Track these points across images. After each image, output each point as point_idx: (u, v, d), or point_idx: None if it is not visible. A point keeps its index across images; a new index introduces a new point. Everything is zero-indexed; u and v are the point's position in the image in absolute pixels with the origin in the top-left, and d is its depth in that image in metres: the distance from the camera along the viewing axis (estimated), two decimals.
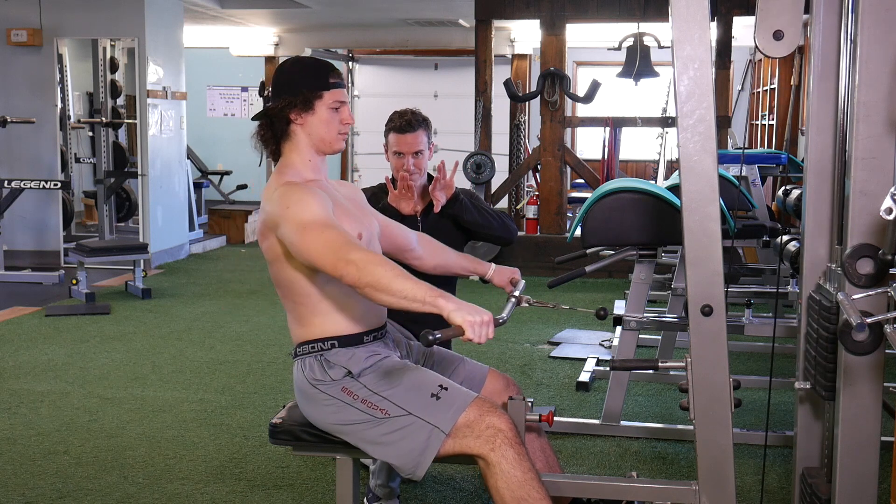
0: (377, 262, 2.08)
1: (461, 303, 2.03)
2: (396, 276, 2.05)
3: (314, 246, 2.17)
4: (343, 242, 2.14)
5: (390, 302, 2.06)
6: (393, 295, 2.04)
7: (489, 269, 2.75)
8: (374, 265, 2.07)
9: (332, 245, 2.14)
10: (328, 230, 2.18)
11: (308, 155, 2.41)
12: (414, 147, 3.10)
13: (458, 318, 1.99)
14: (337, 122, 2.40)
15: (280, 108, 2.37)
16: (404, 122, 3.11)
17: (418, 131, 3.11)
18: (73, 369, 4.74)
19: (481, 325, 1.99)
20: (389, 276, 2.05)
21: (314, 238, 2.17)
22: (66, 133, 8.80)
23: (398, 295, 2.04)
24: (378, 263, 2.08)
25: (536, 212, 8.10)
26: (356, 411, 2.27)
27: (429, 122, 3.18)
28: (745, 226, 5.06)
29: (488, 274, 2.74)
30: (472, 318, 1.98)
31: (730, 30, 7.58)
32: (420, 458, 2.21)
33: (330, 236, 2.16)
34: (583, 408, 4.15)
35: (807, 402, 2.53)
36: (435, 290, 2.05)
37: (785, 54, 2.19)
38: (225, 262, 8.52)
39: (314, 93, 2.36)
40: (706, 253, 2.20)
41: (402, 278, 2.05)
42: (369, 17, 10.30)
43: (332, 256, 2.12)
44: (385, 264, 2.08)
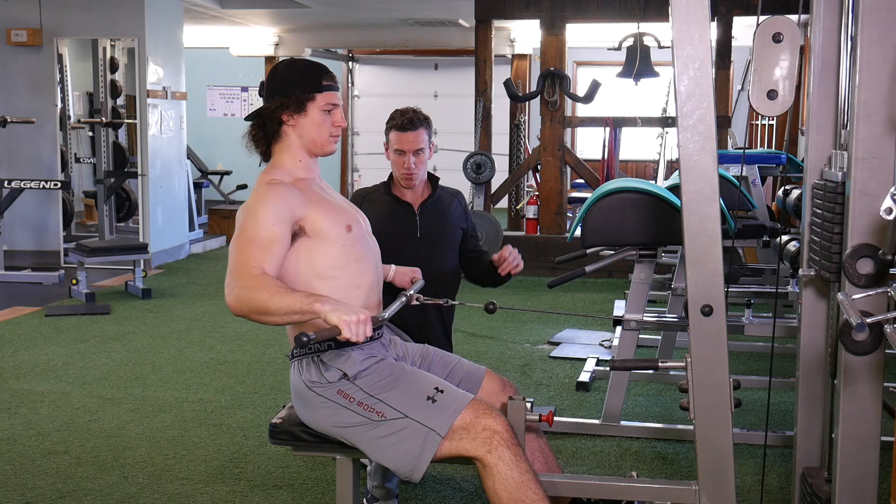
0: (257, 286, 2.13)
1: (338, 303, 2.08)
2: (273, 295, 2.10)
3: (232, 254, 2.25)
4: (243, 270, 2.18)
5: (277, 321, 2.13)
6: (275, 314, 2.11)
7: (390, 270, 2.76)
8: (253, 290, 2.12)
9: (236, 265, 2.20)
10: (248, 249, 2.22)
11: (299, 156, 2.43)
12: (415, 145, 3.11)
13: (334, 318, 2.04)
14: (329, 124, 2.41)
15: (272, 109, 2.39)
16: (406, 120, 3.12)
17: (420, 129, 3.12)
18: (73, 369, 4.74)
19: (357, 323, 2.04)
20: (266, 297, 2.10)
21: (235, 248, 2.25)
22: (66, 133, 8.80)
23: (279, 312, 2.10)
24: (256, 287, 2.12)
25: (536, 212, 8.10)
26: (352, 414, 2.27)
27: (430, 122, 3.19)
28: (745, 226, 5.06)
29: (389, 275, 2.75)
30: (348, 318, 2.03)
31: (730, 30, 7.57)
32: (417, 461, 2.21)
33: (242, 257, 2.21)
34: (583, 408, 4.15)
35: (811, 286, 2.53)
36: (311, 296, 2.10)
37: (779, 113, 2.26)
38: (225, 262, 8.41)
39: (306, 95, 2.38)
40: (706, 253, 2.20)
41: (279, 295, 2.10)
42: (369, 17, 10.30)
43: (229, 276, 2.20)
44: (263, 287, 2.12)
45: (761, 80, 2.23)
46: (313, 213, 2.33)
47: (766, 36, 2.22)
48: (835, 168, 2.37)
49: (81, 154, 9.40)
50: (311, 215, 2.33)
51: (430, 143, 3.18)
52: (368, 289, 2.41)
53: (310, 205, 2.34)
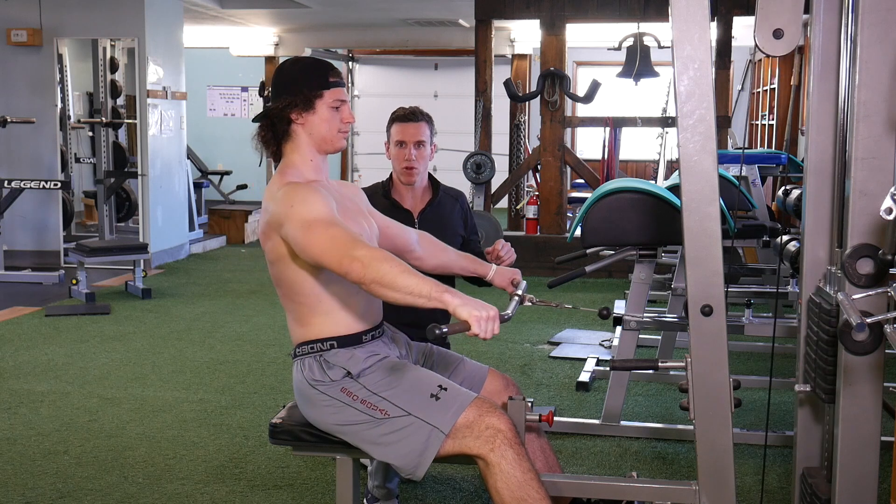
0: (382, 258, 2.09)
1: (467, 298, 2.04)
2: (401, 272, 2.05)
3: (319, 243, 2.17)
4: (348, 239, 2.14)
5: (396, 298, 2.06)
6: (398, 291, 2.04)
7: (490, 269, 2.75)
8: (379, 261, 2.07)
9: (336, 242, 2.14)
10: (333, 227, 2.18)
11: (309, 155, 2.41)
12: (416, 136, 3.08)
13: (465, 312, 2.00)
14: (338, 120, 2.40)
15: (281, 108, 2.37)
16: (409, 112, 3.12)
17: (421, 122, 3.11)
18: (73, 369, 4.74)
19: (487, 320, 1.99)
20: (395, 273, 2.05)
21: (319, 235, 2.18)
22: (66, 133, 8.80)
23: (404, 291, 2.04)
24: (383, 260, 2.08)
25: (536, 212, 8.10)
26: (356, 412, 2.27)
27: (432, 120, 3.18)
28: (745, 226, 5.06)
29: (489, 275, 2.74)
30: (479, 314, 1.99)
31: (730, 30, 7.58)
32: (420, 459, 2.21)
33: (335, 233, 2.17)
34: (583, 408, 4.15)
35: (807, 404, 2.52)
36: (440, 285, 2.05)
37: (785, 52, 2.20)
38: (225, 262, 8.52)
39: (314, 92, 2.37)
40: (706, 253, 2.20)
41: (407, 274, 2.06)
42: (369, 17, 10.30)
43: (337, 253, 2.12)
44: (390, 260, 2.08)
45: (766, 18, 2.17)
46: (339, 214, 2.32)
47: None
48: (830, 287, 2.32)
49: (81, 154, 9.40)
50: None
51: (431, 142, 3.16)
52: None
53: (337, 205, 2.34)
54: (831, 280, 2.32)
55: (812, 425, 2.56)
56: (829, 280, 2.35)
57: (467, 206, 3.33)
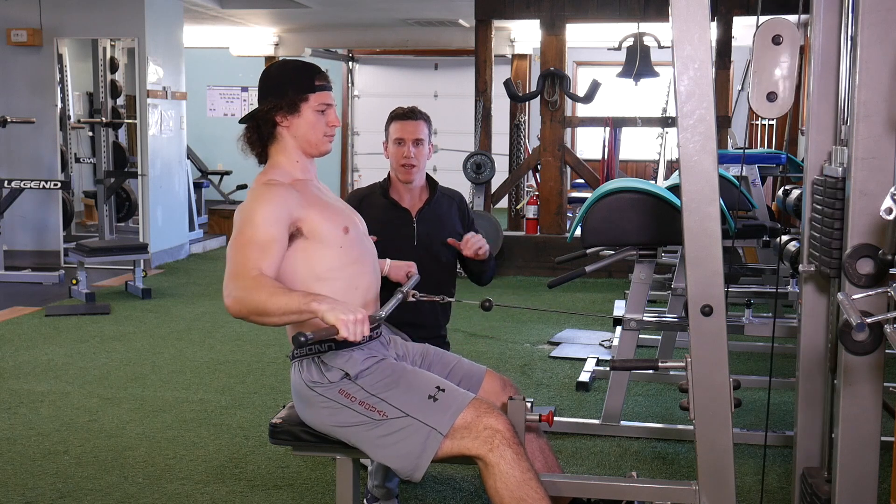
0: (255, 287, 2.12)
1: (335, 302, 2.07)
2: (271, 296, 2.10)
3: (230, 256, 2.24)
4: (241, 272, 2.17)
5: (275, 322, 2.12)
6: (273, 315, 2.10)
7: (385, 264, 2.75)
8: (251, 291, 2.12)
9: (234, 267, 2.20)
10: (246, 250, 2.21)
11: (295, 156, 2.43)
12: (415, 134, 3.09)
13: (332, 317, 2.03)
14: (323, 124, 2.41)
15: (266, 110, 2.39)
16: (407, 110, 3.14)
17: (420, 121, 3.13)
18: (73, 369, 4.74)
19: (355, 322, 2.03)
20: (264, 298, 2.10)
21: (233, 250, 2.24)
22: (66, 133, 8.80)
23: (277, 313, 2.09)
24: (254, 289, 2.12)
25: (536, 212, 8.10)
26: (354, 413, 2.27)
27: (430, 120, 3.18)
28: (745, 226, 5.06)
29: (385, 270, 2.74)
30: (346, 317, 2.03)
31: (730, 30, 7.58)
32: (418, 460, 2.21)
33: (240, 258, 2.21)
34: (583, 408, 4.15)
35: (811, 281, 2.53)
36: (308, 295, 2.10)
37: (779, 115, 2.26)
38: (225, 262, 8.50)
39: (300, 95, 2.38)
40: (706, 253, 2.20)
41: (277, 296, 2.10)
42: (369, 17, 10.30)
43: (228, 278, 2.19)
44: (261, 288, 2.12)
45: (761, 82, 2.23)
46: (311, 215, 2.33)
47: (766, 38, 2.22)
48: (835, 164, 2.37)
49: (81, 154, 9.40)
50: (309, 217, 2.33)
51: (430, 142, 3.17)
52: (366, 290, 2.41)
53: (307, 206, 2.34)
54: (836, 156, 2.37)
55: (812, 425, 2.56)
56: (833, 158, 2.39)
57: (466, 206, 3.34)
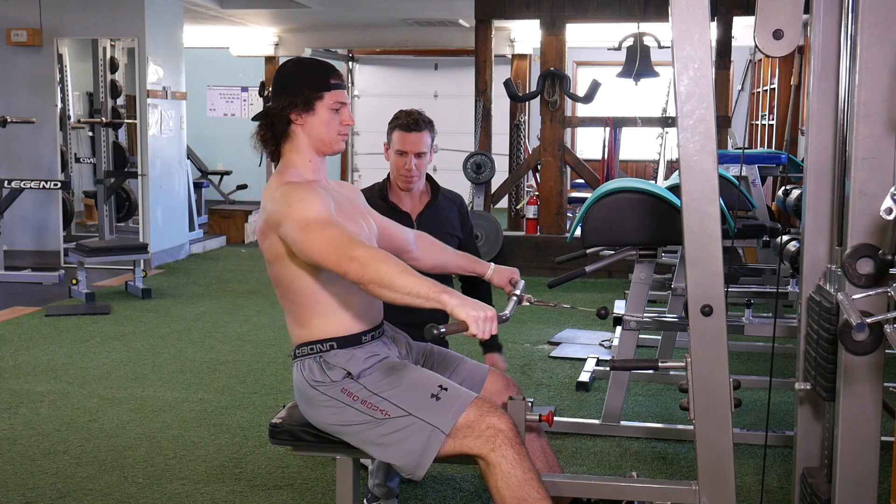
0: (380, 258, 2.08)
1: (465, 298, 2.03)
2: (400, 273, 2.05)
3: (317, 243, 2.17)
4: (346, 239, 2.14)
5: (394, 298, 2.06)
6: (397, 291, 2.04)
7: (488, 268, 2.74)
8: (378, 261, 2.07)
9: (335, 242, 2.14)
10: (331, 227, 2.18)
11: (308, 155, 2.41)
12: (418, 147, 3.07)
13: (463, 313, 1.99)
14: (337, 122, 2.40)
15: (281, 108, 2.37)
16: (411, 120, 3.08)
17: (423, 132, 3.09)
18: (73, 369, 4.74)
19: (485, 320, 1.99)
20: (393, 273, 2.05)
21: (317, 236, 2.18)
22: (66, 133, 8.80)
23: (402, 291, 2.04)
24: (381, 260, 2.08)
25: (536, 212, 8.10)
26: (356, 412, 2.27)
27: (433, 126, 3.16)
28: (745, 226, 5.06)
29: (487, 274, 2.73)
30: (476, 314, 1.99)
31: (730, 30, 7.58)
32: (420, 459, 2.21)
33: (333, 233, 2.17)
34: (583, 408, 4.15)
35: (807, 402, 2.53)
36: (438, 285, 2.05)
37: (785, 53, 2.20)
38: (225, 262, 8.52)
39: (315, 93, 2.36)
40: (706, 253, 2.20)
41: (406, 274, 2.05)
42: (369, 17, 10.30)
43: (335, 253, 2.12)
44: (388, 260, 2.08)
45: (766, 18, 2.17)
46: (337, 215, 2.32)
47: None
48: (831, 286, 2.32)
49: (81, 154, 9.40)
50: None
51: (432, 148, 3.16)
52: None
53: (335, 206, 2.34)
54: (831, 278, 2.32)
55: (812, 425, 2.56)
56: (829, 278, 2.35)
57: (465, 209, 3.33)
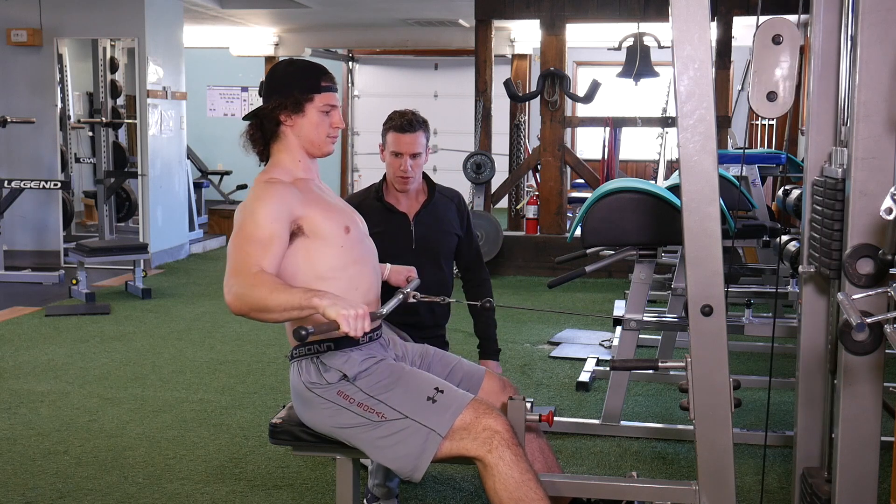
0: (256, 283, 2.12)
1: (337, 298, 2.07)
2: (272, 292, 2.10)
3: (231, 251, 2.24)
4: (241, 269, 2.17)
5: (276, 318, 2.12)
6: (274, 311, 2.10)
7: (385, 269, 2.73)
8: (252, 288, 2.12)
9: (234, 264, 2.20)
10: (247, 247, 2.21)
11: (298, 156, 2.42)
12: (413, 148, 3.06)
13: (333, 312, 2.03)
14: (326, 125, 2.41)
15: (270, 108, 2.39)
16: (405, 121, 3.06)
17: (418, 132, 3.07)
18: (73, 369, 4.74)
19: (356, 318, 2.03)
20: (265, 294, 2.10)
21: (234, 247, 2.24)
22: (66, 133, 8.80)
23: (278, 309, 2.09)
24: (255, 285, 2.12)
25: (536, 212, 8.10)
26: (352, 415, 2.27)
27: (428, 125, 3.15)
28: (745, 226, 5.06)
29: (385, 274, 2.71)
30: (347, 312, 2.02)
31: (730, 30, 7.58)
32: (417, 461, 2.21)
33: (241, 255, 2.21)
34: (583, 408, 4.15)
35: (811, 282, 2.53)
36: (309, 291, 2.09)
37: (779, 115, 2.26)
38: (225, 262, 8.49)
39: (305, 95, 2.37)
40: (706, 253, 2.20)
41: (278, 292, 2.09)
42: (369, 17, 10.30)
43: (230, 273, 2.19)
44: (262, 284, 2.12)
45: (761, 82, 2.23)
46: (312, 213, 2.33)
47: (766, 37, 2.22)
48: (835, 165, 2.37)
49: (81, 154, 9.40)
50: (310, 215, 2.32)
51: (427, 147, 3.15)
52: (367, 290, 2.41)
53: (308, 204, 2.34)
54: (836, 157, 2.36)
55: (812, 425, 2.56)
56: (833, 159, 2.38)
57: (464, 206, 3.31)
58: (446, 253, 3.17)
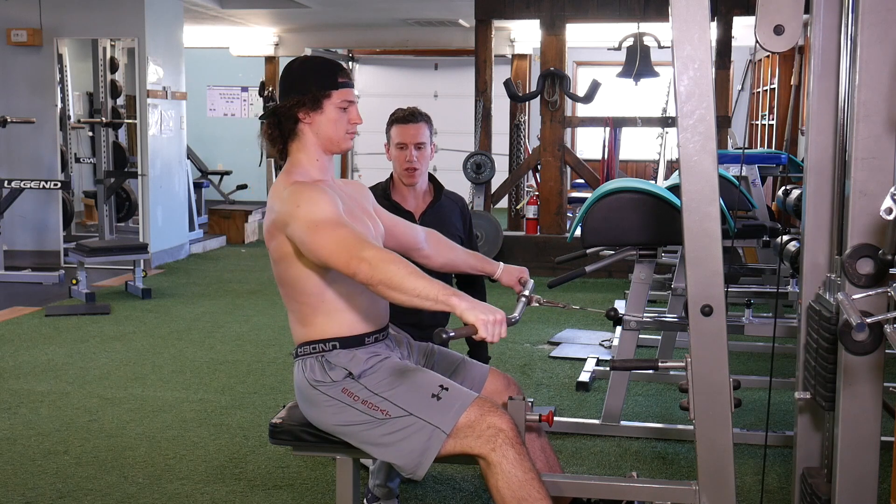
0: (390, 259, 2.08)
1: (475, 301, 2.02)
2: (409, 274, 2.05)
3: (326, 244, 2.17)
4: (356, 240, 2.14)
5: (403, 300, 2.05)
6: (406, 293, 2.04)
7: (498, 268, 2.74)
8: (387, 263, 2.07)
9: (344, 243, 2.14)
10: (340, 228, 2.18)
11: (315, 154, 2.41)
12: (417, 138, 3.09)
13: (472, 316, 1.98)
14: (345, 121, 2.40)
15: (289, 106, 2.37)
16: (408, 113, 3.13)
17: (420, 123, 3.12)
18: (73, 369, 4.74)
19: (494, 323, 1.98)
20: (402, 274, 2.05)
21: (326, 236, 2.17)
22: (66, 133, 8.80)
23: (411, 293, 2.03)
24: (391, 261, 2.07)
25: (536, 212, 8.10)
26: (357, 412, 2.27)
27: (431, 120, 3.18)
28: (745, 226, 5.06)
29: (497, 273, 2.73)
30: (486, 317, 1.98)
31: (730, 30, 7.58)
32: (421, 459, 2.21)
33: (342, 234, 2.16)
34: (583, 408, 4.15)
35: (807, 410, 2.52)
36: (448, 288, 2.04)
37: (786, 49, 2.20)
38: (225, 262, 8.52)
39: (323, 92, 2.36)
40: (706, 253, 2.20)
41: (415, 276, 2.05)
42: (369, 17, 10.31)
43: (344, 254, 2.12)
44: (398, 262, 2.08)
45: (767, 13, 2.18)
46: None
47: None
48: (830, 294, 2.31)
49: (81, 154, 9.40)
50: None
51: (431, 142, 3.17)
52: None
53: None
54: (831, 287, 2.32)
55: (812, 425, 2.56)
56: (828, 287, 2.34)
57: (468, 211, 3.35)
58: None
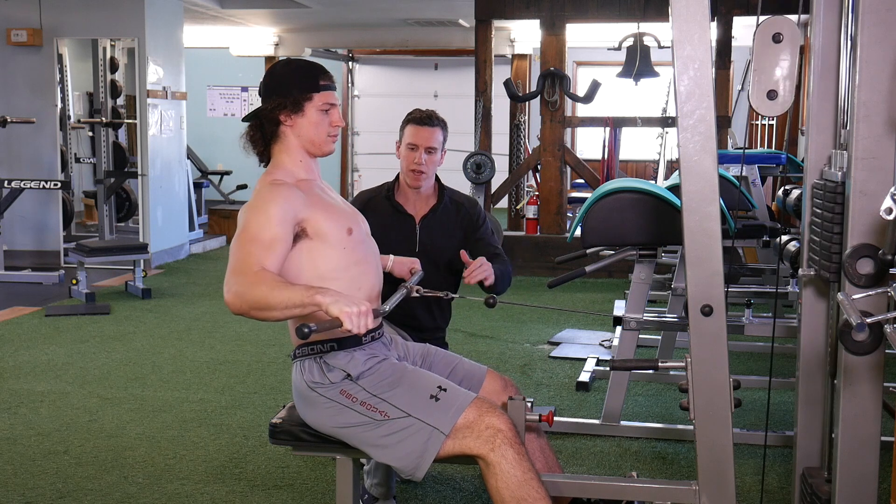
0: (256, 282, 2.11)
1: (339, 295, 2.05)
2: (272, 289, 2.09)
3: (233, 252, 2.23)
4: (243, 268, 2.16)
5: (277, 316, 2.10)
6: (275, 308, 2.08)
7: (389, 260, 2.74)
8: (253, 286, 2.10)
9: (236, 263, 2.19)
10: (248, 247, 2.20)
11: (299, 156, 2.42)
12: (429, 142, 3.08)
13: (335, 309, 2.02)
14: (326, 124, 2.41)
15: (270, 109, 2.38)
16: (425, 115, 3.11)
17: (436, 128, 3.11)
18: (73, 369, 4.74)
19: (359, 315, 2.02)
20: (265, 292, 2.08)
21: (236, 246, 2.23)
22: (66, 133, 8.80)
23: (280, 307, 2.08)
24: (256, 283, 2.11)
25: (536, 212, 8.10)
26: (355, 414, 2.27)
27: (447, 126, 3.16)
28: (745, 226, 5.05)
29: (388, 265, 2.73)
30: (349, 309, 2.01)
31: (730, 30, 7.58)
32: (420, 460, 2.21)
33: (243, 254, 2.19)
34: (583, 408, 4.15)
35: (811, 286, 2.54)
36: (311, 288, 2.09)
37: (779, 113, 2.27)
38: (225, 262, 8.41)
39: (304, 94, 2.37)
40: (706, 253, 2.20)
41: (279, 289, 2.08)
42: (369, 17, 10.30)
43: (231, 273, 2.18)
44: (263, 282, 2.11)
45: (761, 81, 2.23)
46: (315, 215, 2.33)
47: (766, 36, 2.22)
48: (834, 168, 2.37)
49: (81, 154, 9.41)
50: (313, 217, 2.32)
51: (443, 149, 3.15)
52: (369, 290, 2.41)
53: (312, 206, 2.33)
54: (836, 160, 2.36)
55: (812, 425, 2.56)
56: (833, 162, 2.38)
57: (477, 214, 3.23)
58: (449, 260, 3.14)
